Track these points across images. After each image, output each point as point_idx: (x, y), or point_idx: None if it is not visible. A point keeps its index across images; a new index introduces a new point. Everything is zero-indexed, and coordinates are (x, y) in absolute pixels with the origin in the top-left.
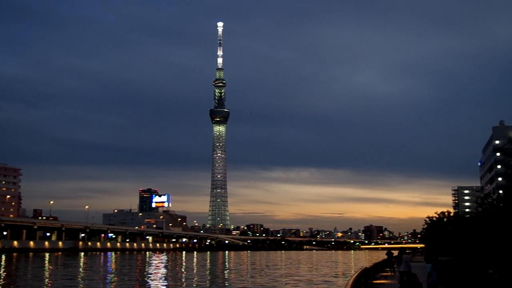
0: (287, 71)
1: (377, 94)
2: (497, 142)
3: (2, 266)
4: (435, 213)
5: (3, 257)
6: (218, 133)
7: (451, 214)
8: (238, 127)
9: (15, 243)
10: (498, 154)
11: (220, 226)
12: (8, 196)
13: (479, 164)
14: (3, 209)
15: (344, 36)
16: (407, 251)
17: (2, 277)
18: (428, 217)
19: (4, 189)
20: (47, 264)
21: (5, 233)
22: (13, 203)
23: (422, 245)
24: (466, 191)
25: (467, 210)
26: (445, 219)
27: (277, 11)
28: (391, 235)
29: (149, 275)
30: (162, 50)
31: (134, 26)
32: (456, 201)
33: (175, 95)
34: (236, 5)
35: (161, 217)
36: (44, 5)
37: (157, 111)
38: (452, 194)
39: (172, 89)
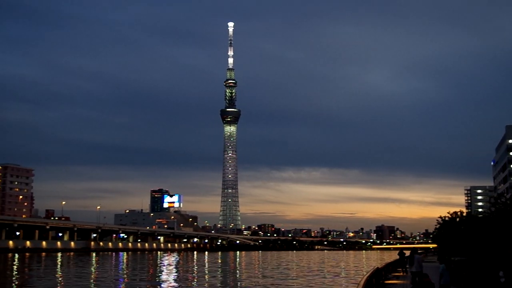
0: (297, 70)
1: (388, 93)
2: (510, 141)
3: (16, 266)
4: (448, 213)
5: (16, 257)
6: (229, 133)
7: (464, 214)
8: (249, 127)
9: (28, 243)
10: (511, 153)
11: (231, 226)
12: (21, 197)
13: (492, 163)
14: (15, 209)
15: (353, 36)
16: (419, 251)
17: (18, 277)
18: (441, 217)
19: (17, 189)
20: (59, 264)
21: (18, 233)
22: (25, 204)
23: (435, 245)
24: (479, 191)
25: (480, 210)
26: (457, 219)
27: (286, 11)
28: (403, 235)
29: (161, 275)
30: (172, 51)
31: (143, 26)
32: (469, 201)
33: (186, 95)
34: (246, 5)
35: (172, 217)
36: (52, 5)
37: (168, 112)
38: (465, 194)
39: (183, 89)
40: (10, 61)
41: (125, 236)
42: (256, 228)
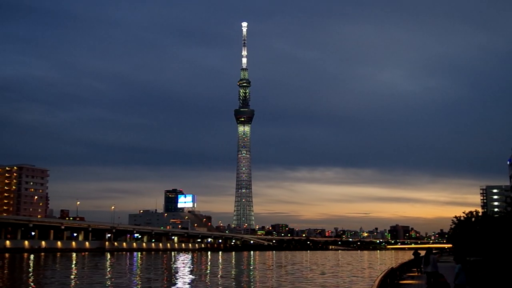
0: (311, 70)
1: (402, 92)
2: None
3: (31, 266)
4: (463, 212)
5: (32, 257)
6: (242, 133)
7: (480, 214)
8: (263, 127)
9: (43, 243)
10: None
11: (245, 226)
12: (36, 197)
13: (508, 162)
14: (31, 209)
15: (367, 35)
16: (434, 251)
17: (40, 277)
18: (456, 217)
19: (32, 190)
20: (74, 264)
21: (33, 233)
22: (40, 204)
23: (450, 245)
24: (495, 191)
25: (496, 210)
26: (473, 219)
27: (300, 10)
28: (417, 235)
29: (176, 275)
30: (186, 51)
31: (158, 27)
32: (485, 201)
33: (199, 95)
34: (259, 4)
35: (186, 217)
36: (66, 7)
37: (182, 112)
38: (481, 193)
39: (197, 89)
40: (24, 62)
41: (139, 236)
42: (270, 228)
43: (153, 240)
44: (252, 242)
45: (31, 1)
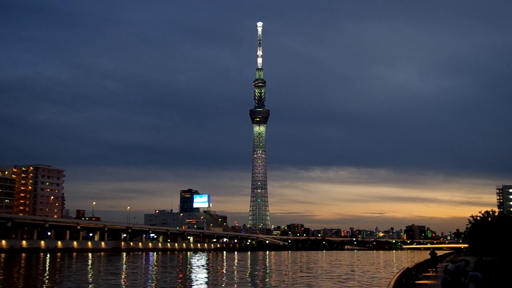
0: (325, 70)
1: (416, 92)
2: None
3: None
4: (479, 212)
5: (48, 256)
6: (258, 133)
7: (496, 214)
8: (278, 127)
9: (59, 243)
10: None
11: (260, 226)
12: (52, 197)
13: None
14: (47, 209)
15: (380, 34)
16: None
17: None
18: (472, 217)
19: (48, 190)
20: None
21: (49, 233)
22: (56, 204)
23: (466, 245)
24: (511, 190)
25: None
26: (489, 219)
27: (312, 9)
28: (433, 235)
29: (193, 275)
30: (201, 51)
31: (172, 27)
32: (501, 200)
33: (215, 95)
34: (271, 4)
35: (202, 217)
36: (79, 7)
37: (198, 112)
38: (497, 193)
39: (212, 89)
40: (37, 62)
41: (155, 236)
42: (286, 228)
43: (169, 240)
44: (267, 242)
45: (43, 1)
